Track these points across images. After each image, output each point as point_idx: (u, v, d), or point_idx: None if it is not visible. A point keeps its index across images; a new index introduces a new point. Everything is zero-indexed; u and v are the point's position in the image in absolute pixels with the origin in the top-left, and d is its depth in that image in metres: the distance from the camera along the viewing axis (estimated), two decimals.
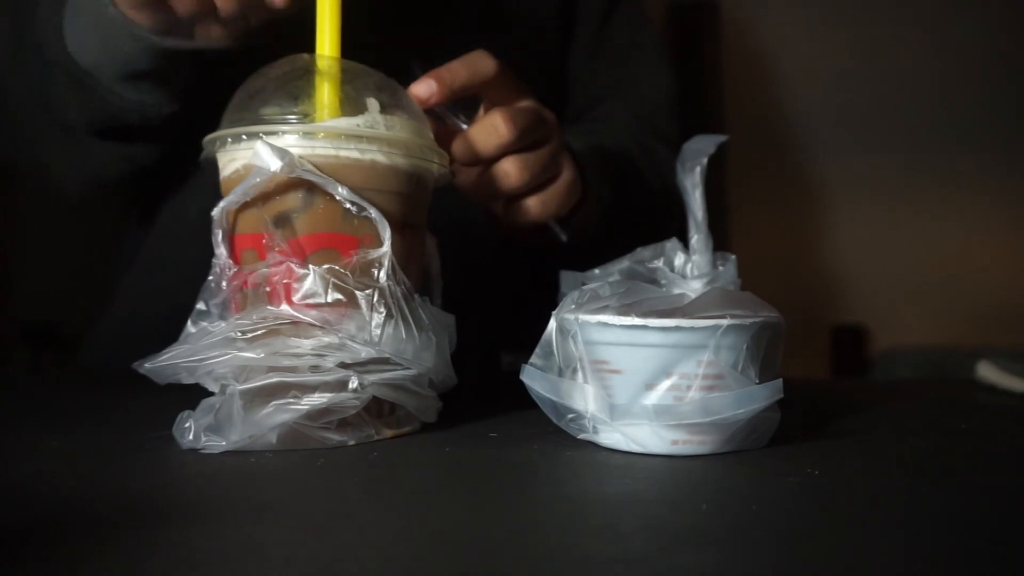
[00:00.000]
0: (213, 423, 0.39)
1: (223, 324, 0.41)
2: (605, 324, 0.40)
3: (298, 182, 0.41)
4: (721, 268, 0.46)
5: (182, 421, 0.40)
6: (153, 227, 0.78)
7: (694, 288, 0.44)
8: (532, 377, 0.42)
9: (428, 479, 0.37)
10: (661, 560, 0.26)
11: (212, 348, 0.40)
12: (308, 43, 0.45)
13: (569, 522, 0.30)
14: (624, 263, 0.48)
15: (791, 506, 0.32)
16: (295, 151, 0.41)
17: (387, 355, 0.41)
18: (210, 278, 0.43)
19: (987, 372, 0.68)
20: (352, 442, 0.42)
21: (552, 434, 0.44)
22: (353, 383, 0.40)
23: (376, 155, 0.42)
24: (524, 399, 0.43)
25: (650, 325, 0.39)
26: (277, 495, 0.33)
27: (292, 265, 0.41)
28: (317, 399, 0.40)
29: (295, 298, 0.41)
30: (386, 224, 0.42)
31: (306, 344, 0.40)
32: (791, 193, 2.15)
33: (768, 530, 0.29)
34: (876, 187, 2.12)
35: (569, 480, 0.37)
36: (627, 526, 0.29)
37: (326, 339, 0.40)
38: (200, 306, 0.43)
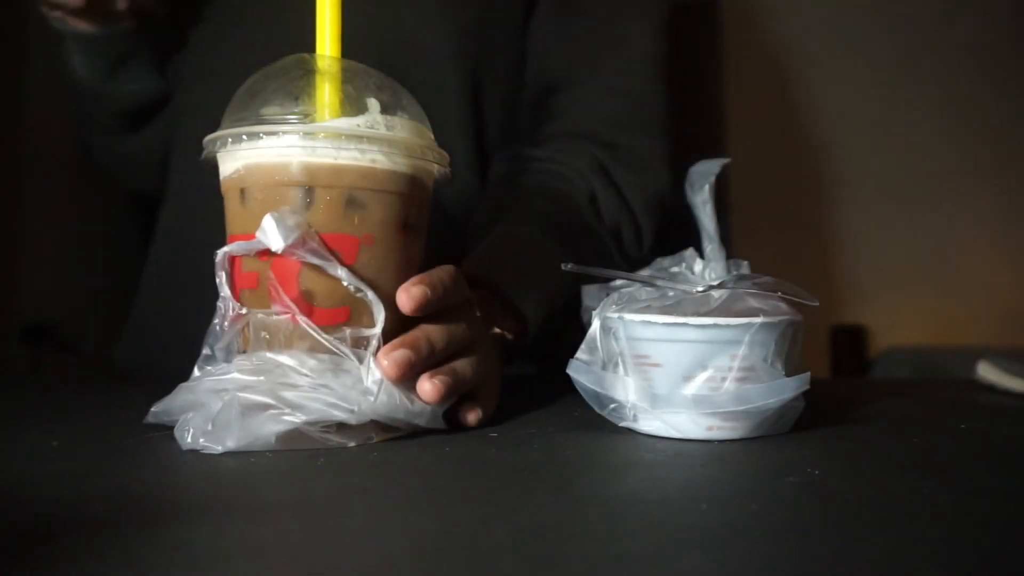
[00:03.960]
0: (211, 431, 0.39)
1: (226, 366, 0.42)
2: (648, 322, 0.43)
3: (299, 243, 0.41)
4: (736, 273, 0.49)
5: (182, 422, 0.40)
6: (166, 202, 0.79)
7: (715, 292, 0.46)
8: (578, 371, 0.45)
9: (428, 479, 0.37)
10: (661, 560, 0.26)
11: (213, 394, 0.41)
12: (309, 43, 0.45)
13: (569, 522, 0.30)
14: (645, 272, 0.51)
15: (791, 506, 0.32)
16: (295, 152, 0.41)
17: (381, 416, 0.42)
18: (215, 320, 0.43)
19: (987, 372, 0.68)
20: (352, 444, 0.42)
21: (552, 434, 0.44)
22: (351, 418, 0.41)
23: (376, 155, 0.42)
24: (524, 399, 0.43)
25: (690, 323, 0.42)
26: (277, 495, 0.33)
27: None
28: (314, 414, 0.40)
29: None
30: (381, 307, 0.42)
31: (304, 383, 0.41)
32: (792, 193, 2.15)
33: (768, 530, 0.29)
34: (876, 187, 2.12)
35: (569, 480, 0.37)
36: (627, 526, 0.29)
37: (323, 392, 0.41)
38: (206, 351, 0.43)
